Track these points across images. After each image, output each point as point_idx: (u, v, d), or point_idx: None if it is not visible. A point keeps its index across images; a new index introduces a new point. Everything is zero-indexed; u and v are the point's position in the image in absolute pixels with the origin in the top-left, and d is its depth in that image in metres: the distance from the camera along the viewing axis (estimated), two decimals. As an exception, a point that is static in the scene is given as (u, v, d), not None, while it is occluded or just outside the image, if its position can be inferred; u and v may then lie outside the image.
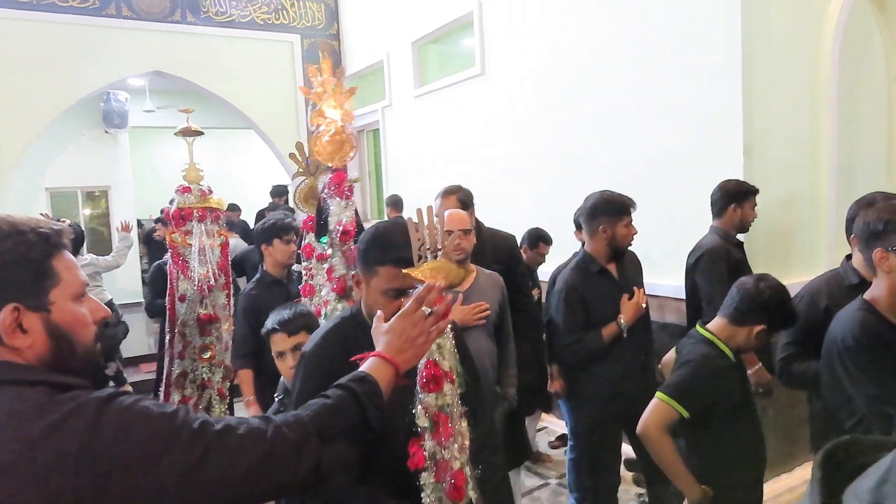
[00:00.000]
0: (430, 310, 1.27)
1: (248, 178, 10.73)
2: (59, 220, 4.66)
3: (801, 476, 3.47)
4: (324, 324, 1.84)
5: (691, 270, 3.10)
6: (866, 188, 3.96)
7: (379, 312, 1.35)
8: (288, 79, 7.62)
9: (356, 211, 2.40)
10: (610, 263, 2.86)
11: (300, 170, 2.93)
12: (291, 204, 5.03)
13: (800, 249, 3.61)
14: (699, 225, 3.49)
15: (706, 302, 3.00)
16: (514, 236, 3.29)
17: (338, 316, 1.75)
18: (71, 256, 1.07)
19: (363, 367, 1.22)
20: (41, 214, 9.59)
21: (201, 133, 3.57)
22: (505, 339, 2.75)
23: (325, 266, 2.31)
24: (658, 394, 2.04)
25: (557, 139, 4.59)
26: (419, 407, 1.36)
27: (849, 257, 2.29)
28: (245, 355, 3.16)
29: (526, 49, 4.85)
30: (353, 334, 1.58)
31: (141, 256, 9.67)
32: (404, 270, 1.32)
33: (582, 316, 2.80)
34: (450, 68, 6.05)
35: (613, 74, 4.09)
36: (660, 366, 2.53)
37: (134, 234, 10.26)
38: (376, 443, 1.23)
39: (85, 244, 6.77)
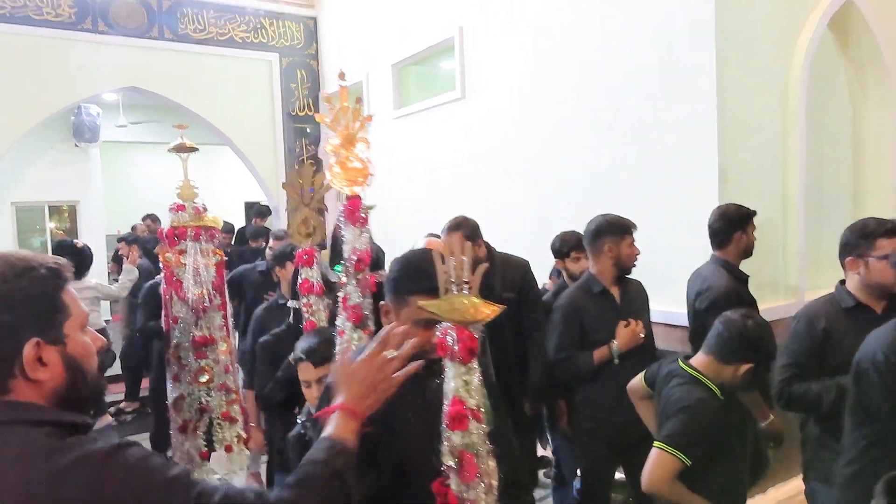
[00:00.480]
0: (393, 353, 1.31)
1: (221, 194, 10.62)
2: (73, 242, 4.47)
3: (775, 497, 3.53)
4: (353, 353, 1.78)
5: (702, 312, 2.89)
6: (834, 215, 4.13)
7: (339, 355, 1.46)
8: (266, 97, 7.61)
9: (371, 238, 2.37)
10: (613, 287, 2.89)
11: (294, 199, 2.84)
12: (282, 234, 4.96)
13: (771, 274, 3.71)
14: (677, 249, 3.58)
15: None
16: (526, 261, 3.23)
17: (363, 348, 1.66)
18: (73, 289, 1.10)
19: (330, 427, 1.22)
20: (58, 231, 9.29)
21: (196, 149, 3.47)
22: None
23: (340, 295, 2.27)
24: (658, 444, 2.00)
25: (536, 163, 4.67)
26: (445, 446, 1.29)
27: (843, 281, 2.34)
28: (250, 372, 3.13)
29: (506, 74, 4.94)
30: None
31: (109, 273, 9.47)
32: (420, 303, 1.31)
33: (577, 335, 2.82)
34: (430, 91, 6.12)
35: (592, 101, 4.19)
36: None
37: (103, 250, 10.07)
38: (403, 482, 1.26)
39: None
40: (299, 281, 2.64)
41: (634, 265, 2.91)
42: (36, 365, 1.00)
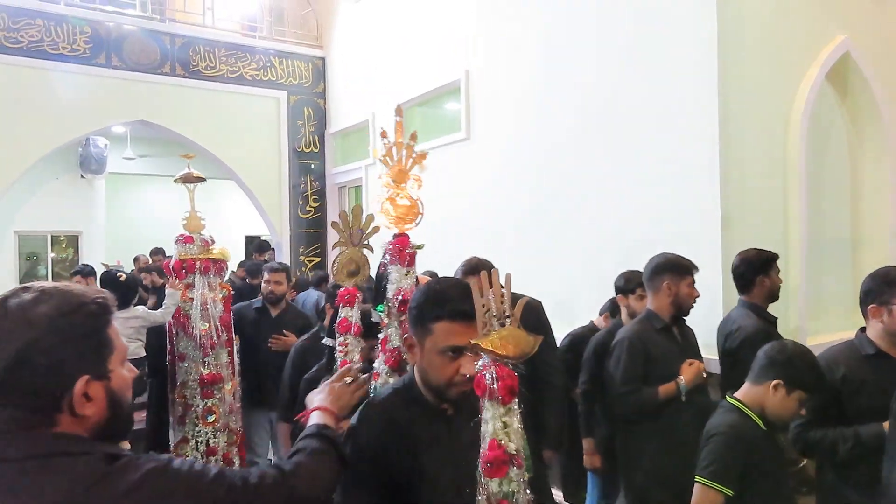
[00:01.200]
0: (350, 380, 1.52)
1: (222, 227, 10.68)
2: (118, 273, 4.39)
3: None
4: (375, 395, 1.67)
5: (733, 351, 2.95)
6: (833, 261, 4.17)
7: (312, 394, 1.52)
8: (272, 133, 7.73)
9: (417, 280, 2.28)
10: (672, 325, 2.88)
11: (341, 239, 2.82)
12: (330, 276, 4.80)
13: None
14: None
15: None
16: (539, 302, 3.17)
17: (389, 387, 1.62)
18: (120, 318, 1.14)
19: (313, 419, 1.43)
20: (116, 262, 9.11)
21: (203, 180, 3.44)
22: None
23: (381, 336, 2.17)
24: (698, 478, 1.99)
25: (540, 204, 4.73)
26: (481, 495, 1.19)
27: (863, 329, 2.36)
28: (286, 405, 2.98)
29: (512, 116, 5.04)
30: (405, 414, 1.46)
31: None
32: (473, 341, 1.21)
33: (641, 369, 2.77)
34: (435, 131, 6.23)
35: (596, 143, 4.27)
36: None
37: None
38: None
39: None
40: (338, 319, 2.59)
41: (692, 306, 2.89)
42: (83, 401, 1.01)
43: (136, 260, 8.85)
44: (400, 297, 2.12)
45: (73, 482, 0.94)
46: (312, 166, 7.99)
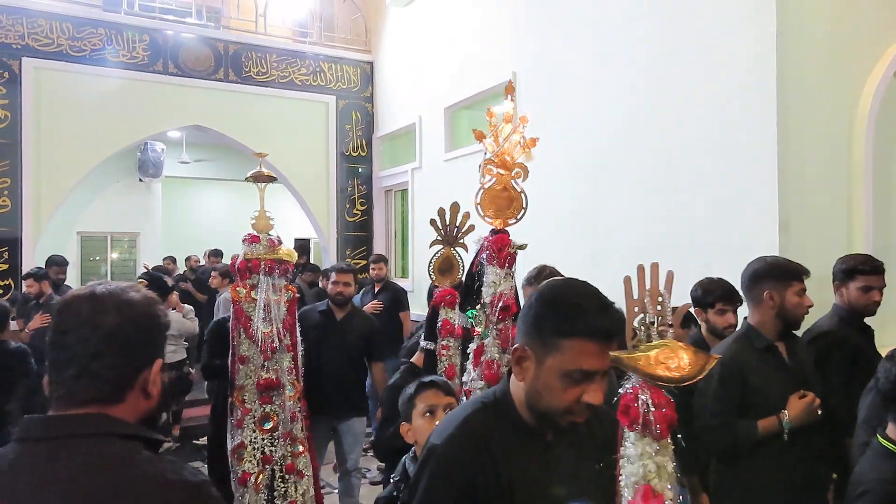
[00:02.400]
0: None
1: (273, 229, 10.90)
2: (162, 276, 4.26)
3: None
4: (459, 408, 1.39)
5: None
6: (902, 269, 3.94)
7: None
8: (321, 138, 7.84)
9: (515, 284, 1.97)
10: (779, 342, 2.41)
11: (438, 237, 2.61)
12: (431, 275, 4.44)
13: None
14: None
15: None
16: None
17: (477, 400, 1.35)
18: None
19: None
20: (145, 265, 9.47)
21: (274, 179, 3.34)
22: None
23: (472, 346, 1.89)
24: None
25: (588, 208, 4.63)
26: None
27: None
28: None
29: (560, 118, 4.97)
30: (498, 438, 1.23)
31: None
32: (614, 354, 1.03)
33: (738, 396, 2.32)
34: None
35: (647, 145, 4.15)
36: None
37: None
38: None
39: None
40: (439, 321, 2.42)
41: (802, 318, 2.45)
42: (157, 380, 1.12)
43: (187, 260, 9.10)
44: (500, 303, 1.83)
45: (106, 460, 1.00)
46: (360, 170, 8.07)
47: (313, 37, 7.98)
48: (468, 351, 1.98)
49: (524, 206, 1.96)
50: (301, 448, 3.02)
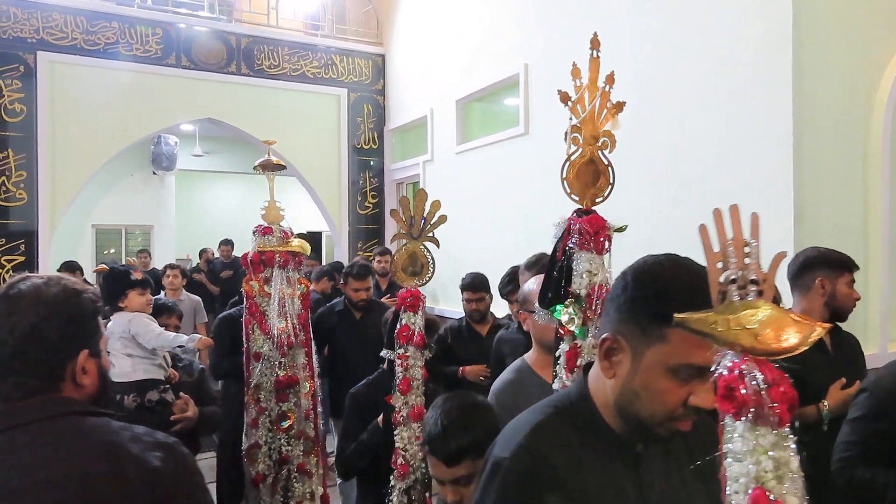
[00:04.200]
0: None
1: (284, 222, 10.95)
2: (120, 266, 4.32)
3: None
4: (527, 413, 1.12)
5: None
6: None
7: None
8: (333, 131, 7.85)
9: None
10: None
11: (401, 230, 2.35)
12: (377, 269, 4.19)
13: (849, 323, 3.51)
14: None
15: None
16: None
17: (548, 403, 1.11)
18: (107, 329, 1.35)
19: None
20: (186, 256, 9.62)
21: (283, 167, 3.26)
22: None
23: (564, 347, 1.62)
24: None
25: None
26: None
27: None
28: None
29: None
30: (571, 443, 1.02)
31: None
32: (679, 317, 0.82)
33: None
34: (493, 126, 6.18)
35: (657, 136, 4.12)
36: None
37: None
38: None
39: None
40: (398, 326, 2.21)
41: (850, 310, 2.45)
42: (83, 371, 1.17)
43: (202, 252, 9.17)
44: (600, 297, 1.57)
45: (87, 436, 1.08)
46: (371, 163, 8.08)
47: (325, 30, 7.98)
48: (557, 354, 1.66)
49: (611, 181, 1.71)
50: (313, 446, 2.92)
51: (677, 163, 3.98)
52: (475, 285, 3.96)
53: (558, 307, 1.66)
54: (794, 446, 0.77)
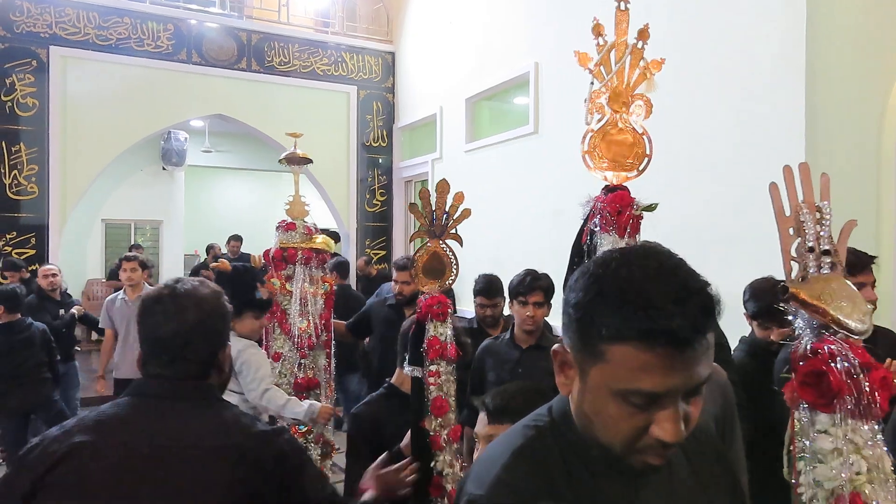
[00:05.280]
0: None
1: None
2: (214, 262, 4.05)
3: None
4: (502, 437, 0.96)
5: None
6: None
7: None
8: (342, 128, 7.86)
9: None
10: None
11: (421, 227, 2.12)
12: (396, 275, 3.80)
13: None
14: (756, 293, 3.42)
15: None
16: None
17: (526, 424, 0.92)
18: None
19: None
20: (194, 251, 9.47)
21: (310, 161, 3.14)
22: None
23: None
24: None
25: (609, 199, 4.60)
26: None
27: None
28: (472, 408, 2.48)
29: (580, 110, 4.91)
30: (557, 469, 0.84)
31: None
32: (792, 289, 0.67)
33: None
34: (502, 125, 6.17)
35: (671, 135, 4.10)
36: None
37: (181, 268, 10.56)
38: None
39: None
40: (426, 338, 1.98)
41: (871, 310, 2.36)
42: (228, 360, 1.40)
43: (209, 249, 9.20)
44: None
45: (227, 421, 1.27)
46: (380, 160, 8.08)
47: (335, 27, 7.99)
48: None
49: (648, 151, 1.42)
50: (330, 450, 2.80)
51: (689, 163, 3.96)
52: (490, 290, 3.73)
53: None
54: (884, 445, 0.62)
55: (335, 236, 7.76)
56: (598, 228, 1.44)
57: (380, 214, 8.10)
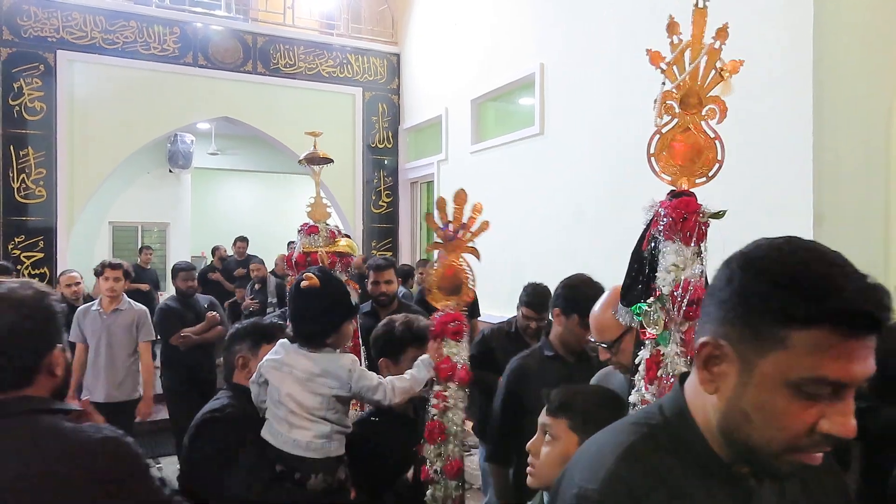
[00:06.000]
0: None
1: (301, 220, 11.00)
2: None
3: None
4: (611, 432, 0.90)
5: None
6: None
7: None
8: (347, 129, 7.87)
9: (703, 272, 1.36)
10: None
11: (437, 239, 1.95)
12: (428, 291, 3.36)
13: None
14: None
15: None
16: None
17: (637, 421, 0.88)
18: None
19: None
20: (201, 253, 9.40)
21: (331, 160, 3.01)
22: None
23: (644, 353, 1.38)
24: None
25: (616, 201, 4.58)
26: None
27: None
28: (497, 443, 2.35)
29: (586, 111, 4.92)
30: (668, 471, 0.80)
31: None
32: None
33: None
34: (508, 126, 6.16)
35: (676, 138, 4.09)
36: None
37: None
38: None
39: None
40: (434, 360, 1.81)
41: None
42: (58, 363, 1.29)
43: (215, 250, 9.21)
44: (687, 295, 1.28)
45: (39, 433, 1.19)
46: (385, 162, 8.09)
47: (340, 29, 8.00)
48: (637, 360, 1.41)
49: (719, 157, 1.42)
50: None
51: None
52: (540, 305, 3.49)
53: (642, 305, 1.39)
54: None
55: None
56: (661, 235, 1.39)
57: (386, 216, 8.10)
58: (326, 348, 1.83)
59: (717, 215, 1.43)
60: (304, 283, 1.77)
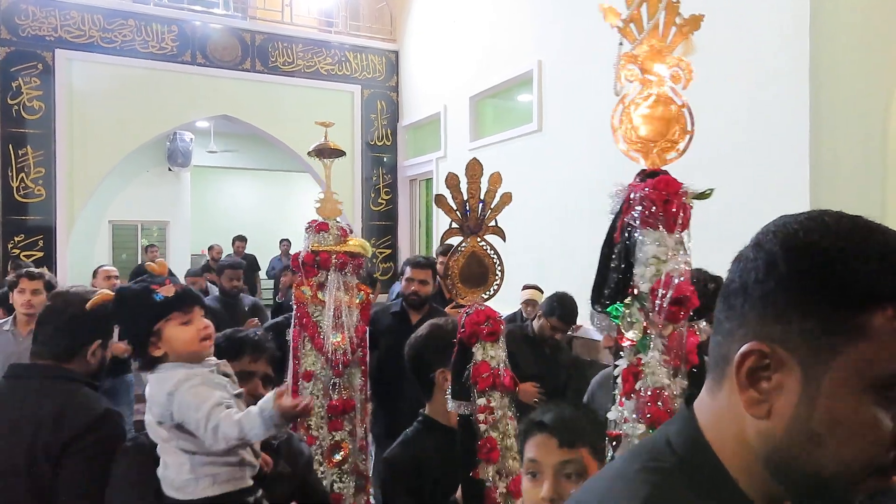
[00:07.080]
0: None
1: (301, 218, 11.01)
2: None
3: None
4: (614, 476, 0.71)
5: None
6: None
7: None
8: (347, 127, 7.86)
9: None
10: None
11: (453, 225, 1.73)
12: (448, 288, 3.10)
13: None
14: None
15: None
16: None
17: (646, 463, 0.67)
18: None
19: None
20: (201, 251, 9.43)
21: (343, 153, 2.80)
22: None
23: (622, 364, 1.21)
24: None
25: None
26: None
27: None
28: None
29: (584, 108, 4.92)
30: None
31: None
32: None
33: None
34: (506, 123, 6.16)
35: (674, 135, 4.10)
36: None
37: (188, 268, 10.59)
38: None
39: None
40: (472, 364, 1.58)
41: None
42: (91, 354, 1.72)
43: (210, 249, 9.20)
44: (669, 293, 1.08)
45: (68, 395, 1.62)
46: (384, 159, 8.09)
47: (339, 26, 7.99)
48: (615, 373, 1.22)
49: (689, 128, 1.14)
50: (364, 483, 2.42)
51: (692, 161, 3.94)
52: (569, 316, 3.40)
53: (618, 307, 1.18)
54: None
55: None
56: (638, 223, 1.17)
57: (385, 213, 8.11)
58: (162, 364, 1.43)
59: (703, 195, 1.17)
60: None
